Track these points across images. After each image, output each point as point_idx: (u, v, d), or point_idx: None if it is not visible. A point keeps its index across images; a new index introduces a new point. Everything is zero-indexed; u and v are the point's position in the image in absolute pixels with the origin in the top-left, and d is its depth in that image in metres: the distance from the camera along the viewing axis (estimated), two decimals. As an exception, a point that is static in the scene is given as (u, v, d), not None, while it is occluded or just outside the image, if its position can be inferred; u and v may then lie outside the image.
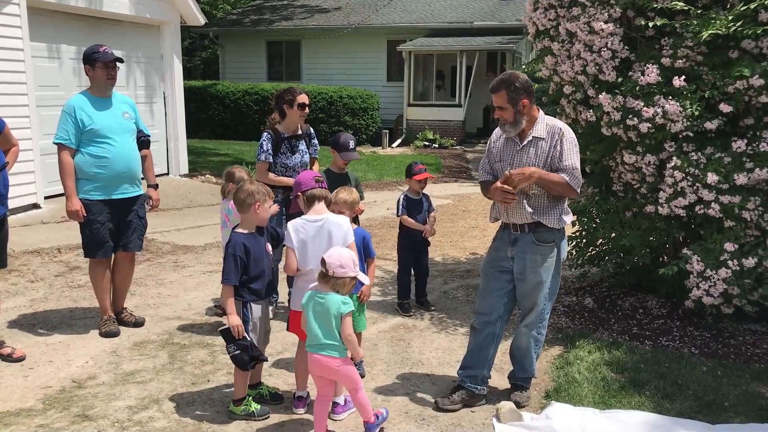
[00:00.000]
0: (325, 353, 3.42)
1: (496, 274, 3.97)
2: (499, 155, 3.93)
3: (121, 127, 4.89)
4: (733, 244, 4.39)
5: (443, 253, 7.56)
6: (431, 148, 18.44)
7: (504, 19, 19.66)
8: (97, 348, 4.76)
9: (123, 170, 4.87)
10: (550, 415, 3.76)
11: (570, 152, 3.73)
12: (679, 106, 4.45)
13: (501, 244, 3.97)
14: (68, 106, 4.78)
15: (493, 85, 3.76)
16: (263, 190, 3.82)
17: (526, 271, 3.86)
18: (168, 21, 11.49)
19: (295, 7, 23.68)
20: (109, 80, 4.88)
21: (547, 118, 3.86)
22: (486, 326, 3.99)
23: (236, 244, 3.70)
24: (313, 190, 3.78)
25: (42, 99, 8.97)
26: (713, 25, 4.31)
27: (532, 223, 3.82)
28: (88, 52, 4.85)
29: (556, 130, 3.77)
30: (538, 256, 3.83)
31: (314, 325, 3.45)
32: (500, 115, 3.78)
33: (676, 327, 5.13)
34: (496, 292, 3.97)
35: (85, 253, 4.96)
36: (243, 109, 19.21)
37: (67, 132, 4.72)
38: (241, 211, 3.79)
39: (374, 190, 12.00)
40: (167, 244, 7.77)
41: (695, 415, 3.78)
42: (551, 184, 3.70)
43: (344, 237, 3.73)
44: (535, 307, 3.93)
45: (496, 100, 3.75)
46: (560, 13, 5.25)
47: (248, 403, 3.79)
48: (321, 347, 3.44)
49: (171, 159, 11.91)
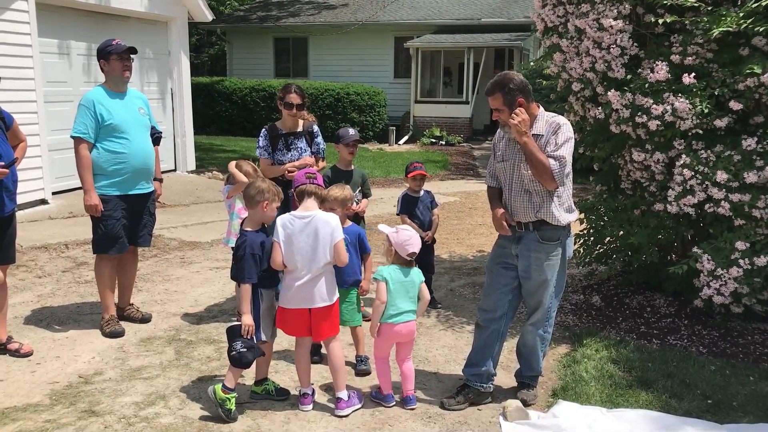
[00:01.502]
0: (411, 319, 3.88)
1: (501, 270, 3.96)
2: (502, 155, 3.92)
3: (137, 123, 4.90)
4: (744, 242, 4.36)
5: (450, 251, 7.54)
6: (438, 145, 18.40)
7: (512, 16, 19.58)
8: (103, 344, 4.77)
9: (140, 166, 4.88)
10: (557, 413, 3.75)
11: (562, 143, 3.68)
12: (689, 104, 4.42)
13: (505, 241, 3.96)
14: (87, 100, 4.75)
15: (488, 88, 3.76)
16: (273, 189, 3.85)
17: (531, 269, 3.84)
18: (175, 17, 11.50)
19: (302, 3, 23.66)
20: (125, 71, 4.86)
21: (548, 114, 3.82)
22: (490, 323, 3.98)
23: (252, 243, 3.74)
24: (303, 186, 3.79)
25: (50, 95, 9.00)
26: (724, 21, 4.28)
27: (537, 221, 3.80)
28: (101, 47, 4.86)
29: (554, 126, 3.74)
30: (542, 254, 3.81)
31: (397, 297, 3.82)
32: (498, 116, 3.79)
33: (684, 326, 5.11)
34: (500, 289, 3.95)
35: (96, 248, 4.93)
36: (250, 106, 19.21)
37: (85, 125, 4.69)
38: (249, 207, 3.85)
39: (381, 187, 11.99)
40: (174, 240, 7.78)
41: (703, 414, 3.76)
42: (536, 161, 3.64)
43: (331, 234, 3.71)
44: (541, 305, 3.91)
45: (492, 102, 3.76)
46: (569, 9, 5.22)
47: (231, 399, 3.74)
48: (404, 314, 3.84)
49: (178, 155, 11.94)
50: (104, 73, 4.90)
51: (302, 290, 3.73)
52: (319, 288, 3.74)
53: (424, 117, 19.70)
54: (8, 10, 8.21)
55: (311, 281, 3.73)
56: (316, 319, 3.78)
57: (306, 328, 3.81)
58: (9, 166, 4.33)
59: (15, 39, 8.29)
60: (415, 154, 16.16)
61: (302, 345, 3.88)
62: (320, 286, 3.74)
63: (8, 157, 4.39)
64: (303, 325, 3.80)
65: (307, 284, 3.73)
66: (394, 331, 3.85)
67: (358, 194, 5.22)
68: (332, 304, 3.82)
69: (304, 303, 3.75)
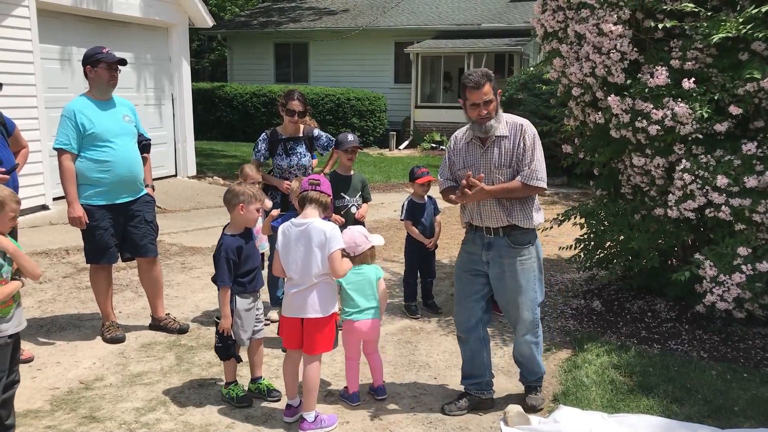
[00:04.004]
0: (369, 317, 3.94)
1: (470, 278, 3.88)
2: (462, 162, 3.81)
3: (122, 131, 4.81)
4: (747, 248, 4.36)
5: (450, 256, 7.53)
6: (439, 150, 18.40)
7: (512, 21, 19.61)
8: (104, 349, 4.76)
9: (126, 174, 4.80)
10: (557, 418, 3.74)
11: (531, 150, 3.65)
12: (689, 109, 4.42)
13: (473, 248, 3.86)
14: (68, 110, 4.68)
15: (477, 81, 3.60)
16: (250, 192, 3.87)
17: (505, 275, 3.76)
18: (176, 23, 11.53)
19: (302, 9, 23.72)
20: (111, 81, 4.78)
21: (506, 115, 3.78)
22: (470, 332, 3.94)
23: (228, 247, 3.82)
24: (304, 192, 3.74)
25: (51, 101, 9.01)
26: (723, 27, 4.28)
27: (507, 226, 3.73)
28: (90, 52, 4.76)
29: (517, 127, 3.70)
30: (516, 259, 3.74)
31: (354, 295, 3.91)
32: (487, 110, 3.64)
33: (685, 330, 5.10)
34: (471, 296, 3.89)
35: (88, 259, 4.91)
36: (251, 111, 19.24)
37: (67, 136, 4.64)
38: (229, 211, 3.92)
39: (381, 192, 12.00)
40: (175, 245, 7.78)
41: (704, 419, 3.76)
42: (511, 193, 3.64)
43: (325, 245, 3.60)
44: (520, 313, 3.82)
45: (484, 94, 3.61)
46: (569, 15, 5.23)
47: (233, 389, 3.96)
48: (364, 312, 3.92)
49: (179, 160, 11.96)
50: (89, 79, 4.79)
51: (296, 299, 3.67)
52: (312, 298, 3.64)
53: (425, 122, 19.71)
54: (9, 17, 8.24)
55: (305, 291, 3.64)
56: (309, 330, 3.67)
57: (298, 340, 3.71)
58: (10, 172, 4.34)
59: (16, 45, 8.32)
60: (415, 159, 16.17)
61: (291, 357, 3.79)
62: (313, 296, 3.64)
63: (9, 162, 4.40)
64: (295, 336, 3.71)
65: (301, 293, 3.65)
66: (354, 327, 3.94)
67: (358, 199, 5.23)
68: (326, 317, 3.68)
69: (297, 312, 3.67)
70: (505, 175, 3.69)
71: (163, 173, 11.47)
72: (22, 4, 8.38)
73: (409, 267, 5.71)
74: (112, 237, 4.83)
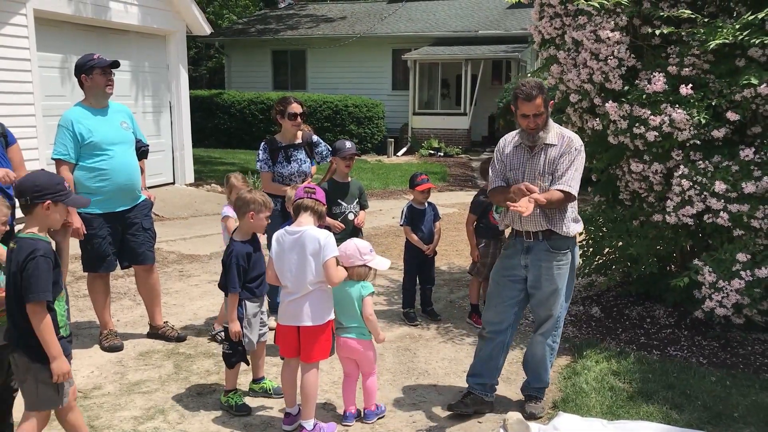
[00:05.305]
0: (350, 336, 3.78)
1: (508, 283, 3.93)
2: (510, 164, 3.88)
3: (120, 138, 4.78)
4: (745, 254, 4.36)
5: (449, 262, 7.53)
6: (436, 156, 18.43)
7: (509, 28, 19.67)
8: (102, 358, 4.75)
9: (124, 182, 4.77)
10: (557, 425, 3.73)
11: (571, 161, 3.69)
12: (686, 115, 4.43)
13: (513, 252, 3.93)
14: (65, 120, 4.64)
15: (529, 93, 3.62)
16: (261, 200, 3.88)
17: (542, 279, 3.82)
18: (174, 31, 11.55)
19: (300, 16, 23.78)
20: (108, 86, 4.74)
21: (556, 125, 3.85)
22: (497, 335, 3.97)
23: (238, 253, 3.83)
24: (299, 200, 3.73)
25: (48, 109, 9.00)
26: (720, 33, 4.30)
27: (546, 231, 3.79)
28: (81, 61, 4.71)
29: (565, 139, 3.76)
30: (553, 263, 3.80)
31: (337, 309, 3.75)
32: (536, 122, 3.68)
33: (684, 336, 5.10)
34: (507, 301, 3.93)
35: (85, 267, 4.88)
36: (248, 118, 19.26)
37: (65, 146, 4.60)
38: (239, 218, 3.95)
39: (379, 198, 12.00)
40: (173, 253, 7.77)
41: (704, 425, 3.75)
42: (555, 203, 3.67)
43: (319, 252, 3.57)
44: (551, 315, 3.91)
45: (536, 106, 3.64)
46: (566, 21, 5.24)
47: (232, 396, 3.96)
48: (346, 330, 3.78)
49: (177, 168, 11.95)
50: (84, 89, 4.75)
51: (291, 307, 3.65)
52: (307, 307, 3.61)
53: (423, 129, 19.74)
54: (7, 25, 8.25)
55: (300, 299, 3.62)
56: (305, 338, 3.65)
57: (295, 348, 3.69)
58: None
59: (14, 53, 8.33)
60: (413, 166, 16.18)
61: (289, 365, 3.78)
62: (309, 305, 3.61)
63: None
64: (292, 344, 3.69)
65: (297, 301, 3.63)
66: (340, 342, 3.86)
67: (356, 206, 5.23)
68: (322, 325, 3.65)
69: (292, 320, 3.66)
70: (548, 182, 3.74)
71: (161, 181, 11.46)
72: (19, 12, 8.39)
73: (408, 274, 5.70)
74: (110, 245, 4.81)
